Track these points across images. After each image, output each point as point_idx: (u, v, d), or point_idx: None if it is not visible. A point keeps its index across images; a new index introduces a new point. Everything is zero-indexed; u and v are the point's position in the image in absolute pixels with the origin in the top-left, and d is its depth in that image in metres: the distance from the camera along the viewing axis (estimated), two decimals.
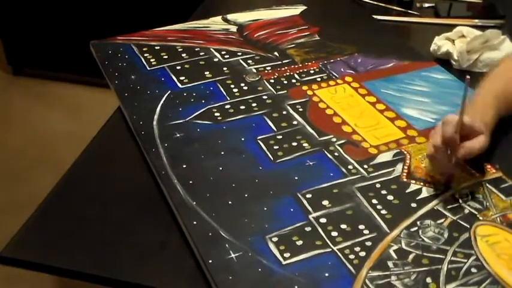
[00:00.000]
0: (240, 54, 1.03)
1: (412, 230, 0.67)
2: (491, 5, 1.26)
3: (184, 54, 1.03)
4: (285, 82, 0.95)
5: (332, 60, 1.02)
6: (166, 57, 1.02)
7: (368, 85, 0.94)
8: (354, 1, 1.32)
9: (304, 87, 0.94)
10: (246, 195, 0.72)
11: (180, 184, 0.73)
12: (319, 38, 1.10)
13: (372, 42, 1.08)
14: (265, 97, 0.91)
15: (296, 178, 0.75)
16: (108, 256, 0.67)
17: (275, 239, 0.65)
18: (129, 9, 2.08)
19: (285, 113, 0.87)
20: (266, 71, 0.98)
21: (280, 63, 1.01)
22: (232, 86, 0.94)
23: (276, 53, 1.04)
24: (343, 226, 0.67)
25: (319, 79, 0.96)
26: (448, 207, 0.70)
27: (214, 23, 1.16)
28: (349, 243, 0.65)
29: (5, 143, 2.04)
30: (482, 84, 0.83)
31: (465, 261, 0.63)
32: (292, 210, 0.70)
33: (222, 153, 0.79)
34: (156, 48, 1.05)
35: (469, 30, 1.07)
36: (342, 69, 0.99)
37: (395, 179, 0.75)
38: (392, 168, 0.76)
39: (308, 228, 0.67)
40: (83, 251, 0.67)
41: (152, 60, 1.01)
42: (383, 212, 0.69)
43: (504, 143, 0.81)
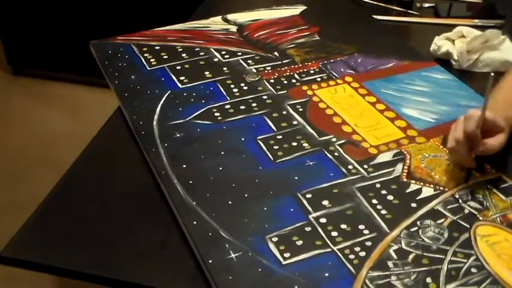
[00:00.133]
0: (240, 54, 1.03)
1: (412, 230, 0.67)
2: (491, 5, 1.26)
3: (184, 54, 1.03)
4: (285, 82, 0.95)
5: (332, 60, 1.02)
6: (166, 57, 1.02)
7: (368, 85, 0.94)
8: (354, 1, 1.32)
9: (304, 87, 0.94)
10: (246, 195, 0.72)
11: (180, 184, 0.73)
12: (319, 38, 1.10)
13: (372, 42, 1.08)
14: (265, 97, 0.91)
15: (296, 178, 0.75)
16: (108, 256, 0.67)
17: (275, 239, 0.65)
18: (129, 9, 2.08)
19: (285, 113, 0.87)
20: (266, 71, 0.98)
21: (280, 63, 1.01)
22: (232, 86, 0.94)
23: (276, 53, 1.04)
24: (343, 226, 0.67)
25: (319, 79, 0.96)
26: (448, 207, 0.70)
27: (214, 23, 1.15)
28: (349, 243, 0.65)
29: (5, 143, 2.04)
30: (504, 80, 0.83)
31: (465, 261, 0.63)
32: (292, 210, 0.70)
33: (222, 153, 0.79)
34: (156, 48, 1.05)
35: (469, 30, 1.07)
36: (342, 69, 0.99)
37: (395, 179, 0.75)
38: (392, 168, 0.76)
39: (308, 228, 0.67)
40: (83, 251, 0.67)
41: (152, 60, 1.01)
42: (383, 212, 0.69)
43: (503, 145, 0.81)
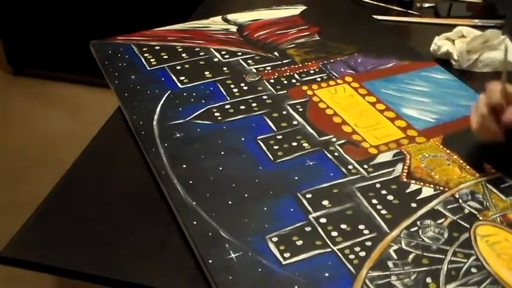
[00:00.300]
0: (240, 54, 1.03)
1: (412, 230, 0.67)
2: (491, 5, 1.26)
3: (184, 54, 1.03)
4: (285, 82, 0.95)
5: (332, 60, 1.02)
6: (166, 57, 1.02)
7: (368, 85, 0.94)
8: (354, 1, 1.32)
9: (304, 87, 0.94)
10: (246, 195, 0.72)
11: (180, 184, 0.73)
12: (319, 38, 1.10)
13: (372, 42, 1.08)
14: (265, 97, 0.91)
15: (296, 178, 0.74)
16: (108, 256, 0.67)
17: (275, 239, 0.65)
18: (129, 9, 2.08)
19: (285, 113, 0.87)
20: (266, 71, 0.98)
21: (280, 63, 1.01)
22: (232, 86, 0.94)
23: (276, 53, 1.04)
24: (343, 226, 0.67)
25: (319, 79, 0.96)
26: (448, 207, 0.70)
27: (214, 23, 1.15)
28: (349, 243, 0.65)
29: (5, 143, 2.04)
30: None
31: (465, 261, 0.63)
32: (292, 210, 0.70)
33: (222, 153, 0.79)
34: (156, 48, 1.05)
35: (469, 30, 1.07)
36: (342, 69, 0.99)
37: (395, 179, 0.75)
38: (392, 168, 0.76)
39: (308, 228, 0.67)
40: (83, 251, 0.67)
41: (152, 60, 1.01)
42: (383, 212, 0.69)
43: (504, 143, 0.81)
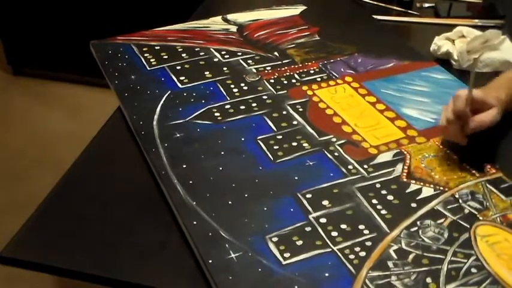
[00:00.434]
0: (240, 54, 1.03)
1: (412, 230, 0.67)
2: (491, 5, 1.26)
3: (184, 54, 1.03)
4: (285, 82, 0.95)
5: (332, 60, 1.02)
6: (166, 57, 1.02)
7: (368, 85, 0.94)
8: (354, 1, 1.32)
9: (304, 87, 0.94)
10: (246, 195, 0.72)
11: (180, 184, 0.73)
12: (319, 38, 1.10)
13: (372, 42, 1.08)
14: (265, 97, 0.91)
15: (296, 178, 0.75)
16: (108, 256, 0.67)
17: (275, 239, 0.65)
18: (129, 9, 2.08)
19: (285, 113, 0.87)
20: (266, 71, 0.98)
21: (280, 63, 1.01)
22: (232, 86, 0.94)
23: (276, 53, 1.04)
24: (343, 226, 0.67)
25: (319, 79, 0.96)
26: (448, 207, 0.70)
27: (214, 23, 1.15)
28: (349, 243, 0.65)
29: (5, 143, 2.04)
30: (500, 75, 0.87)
31: (465, 261, 0.63)
32: (292, 210, 0.70)
33: (222, 153, 0.79)
34: (156, 48, 1.05)
35: (469, 30, 1.07)
36: (342, 69, 0.99)
37: (395, 179, 0.75)
38: (392, 168, 0.76)
39: (308, 228, 0.67)
40: (83, 251, 0.67)
41: (152, 60, 1.01)
42: (383, 212, 0.69)
43: (504, 143, 0.81)
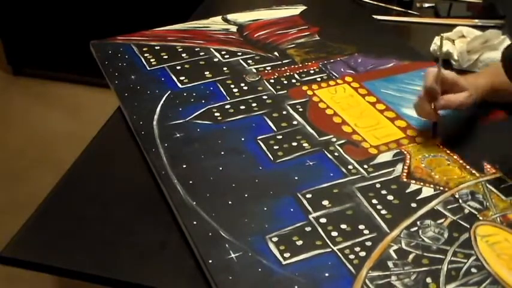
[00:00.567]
0: (240, 54, 1.03)
1: (412, 230, 0.67)
2: (491, 5, 1.26)
3: (184, 54, 1.03)
4: (285, 82, 0.95)
5: (332, 60, 1.02)
6: (166, 57, 1.02)
7: (368, 85, 0.94)
8: (354, 1, 1.32)
9: (304, 87, 0.94)
10: (246, 195, 0.72)
11: (180, 184, 0.73)
12: (319, 38, 1.10)
13: (372, 42, 1.08)
14: (265, 97, 0.91)
15: (296, 178, 0.75)
16: (108, 256, 0.67)
17: (275, 239, 0.65)
18: (129, 9, 2.08)
19: (285, 113, 0.87)
20: (266, 71, 0.98)
21: (280, 63, 1.01)
22: (232, 86, 0.94)
23: (276, 53, 1.04)
24: (343, 226, 0.67)
25: (319, 79, 0.96)
26: (448, 207, 0.70)
27: (214, 23, 1.15)
28: (349, 243, 0.65)
29: (5, 143, 2.04)
30: None
31: (465, 261, 0.63)
32: (292, 210, 0.70)
33: (222, 153, 0.79)
34: (156, 48, 1.05)
35: (469, 30, 1.07)
36: (342, 69, 0.99)
37: (395, 179, 0.75)
38: (392, 168, 0.76)
39: (308, 228, 0.67)
40: (83, 251, 0.67)
41: (152, 60, 1.01)
42: (383, 212, 0.69)
43: (504, 143, 0.81)
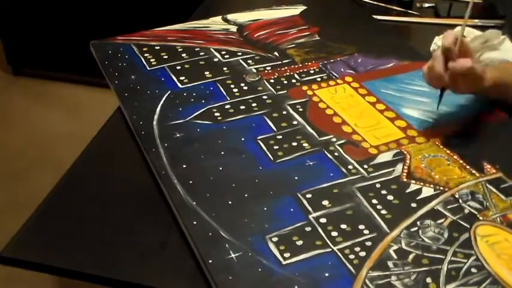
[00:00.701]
0: (240, 54, 1.03)
1: (412, 230, 0.67)
2: (491, 5, 1.26)
3: (184, 54, 1.03)
4: (285, 82, 0.95)
5: (332, 60, 1.02)
6: (166, 57, 1.02)
7: (368, 85, 0.94)
8: (354, 1, 1.32)
9: (304, 87, 0.94)
10: (246, 195, 0.72)
11: (180, 184, 0.73)
12: (319, 38, 1.10)
13: (372, 42, 1.08)
14: (265, 97, 0.91)
15: (296, 178, 0.74)
16: (108, 256, 0.67)
17: (275, 239, 0.65)
18: (129, 9, 2.08)
19: (285, 113, 0.87)
20: (266, 71, 0.98)
21: (280, 63, 1.01)
22: (232, 86, 0.94)
23: (276, 53, 1.04)
24: (343, 226, 0.67)
25: (319, 79, 0.96)
26: (448, 207, 0.70)
27: (214, 23, 1.15)
28: (349, 243, 0.65)
29: (5, 143, 2.04)
30: None
31: (465, 261, 0.63)
32: (292, 210, 0.70)
33: (222, 153, 0.79)
34: (156, 48, 1.05)
35: (469, 30, 1.07)
36: (342, 69, 0.99)
37: (395, 179, 0.75)
38: (392, 168, 0.76)
39: (308, 228, 0.67)
40: (83, 251, 0.67)
41: (152, 60, 1.01)
42: (383, 212, 0.69)
43: (504, 143, 0.81)
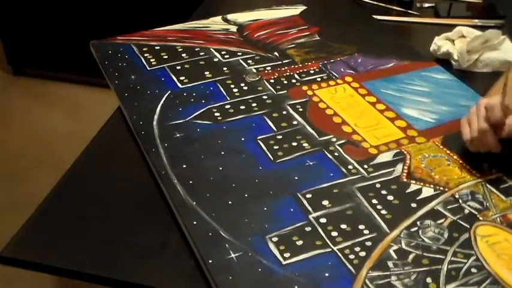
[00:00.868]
0: (240, 54, 1.03)
1: (412, 230, 0.67)
2: (491, 5, 1.26)
3: (184, 54, 1.03)
4: (285, 82, 0.95)
5: (332, 60, 1.02)
6: (166, 57, 1.02)
7: (368, 85, 0.94)
8: (354, 1, 1.32)
9: (304, 87, 0.94)
10: (246, 195, 0.72)
11: (180, 184, 0.73)
12: (319, 38, 1.10)
13: (372, 42, 1.08)
14: (265, 97, 0.91)
15: (296, 178, 0.75)
16: (108, 256, 0.67)
17: (275, 239, 0.65)
18: (129, 9, 2.08)
19: (285, 113, 0.87)
20: (266, 71, 0.98)
21: (280, 63, 1.01)
22: (232, 86, 0.94)
23: (276, 53, 1.04)
24: (343, 226, 0.67)
25: (319, 79, 0.96)
26: (448, 207, 0.70)
27: (214, 23, 1.15)
28: (349, 243, 0.65)
29: (5, 143, 2.04)
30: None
31: (465, 261, 0.63)
32: (292, 210, 0.70)
33: (222, 153, 0.79)
34: (156, 48, 1.05)
35: (469, 30, 1.07)
36: (342, 69, 0.99)
37: (395, 179, 0.75)
38: (392, 168, 0.76)
39: (308, 228, 0.67)
40: (83, 251, 0.67)
41: (152, 60, 1.01)
42: (383, 212, 0.69)
43: (504, 143, 0.81)
